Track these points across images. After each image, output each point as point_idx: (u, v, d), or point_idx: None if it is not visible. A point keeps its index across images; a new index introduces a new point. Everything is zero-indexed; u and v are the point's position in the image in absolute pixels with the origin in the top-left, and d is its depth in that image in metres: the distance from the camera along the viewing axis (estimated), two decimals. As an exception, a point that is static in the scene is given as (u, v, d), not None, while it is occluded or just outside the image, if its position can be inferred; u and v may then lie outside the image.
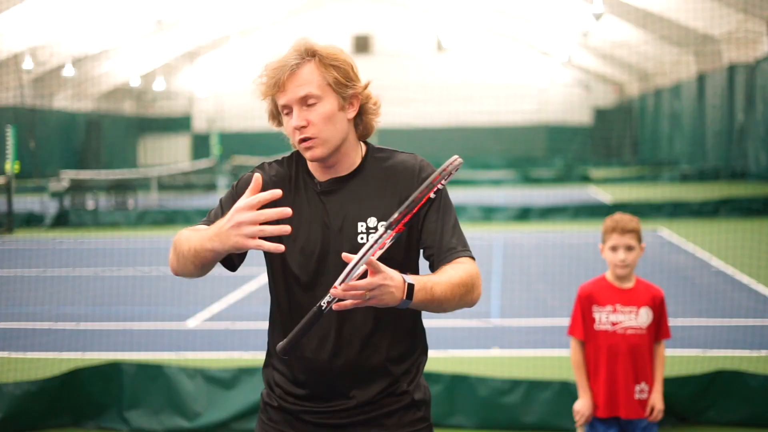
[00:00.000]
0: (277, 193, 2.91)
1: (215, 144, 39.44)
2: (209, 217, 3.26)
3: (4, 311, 12.13)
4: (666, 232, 19.11)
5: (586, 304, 5.22)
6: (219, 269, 3.04)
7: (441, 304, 3.07)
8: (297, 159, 3.33)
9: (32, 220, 22.96)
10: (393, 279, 2.87)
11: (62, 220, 22.92)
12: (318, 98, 3.15)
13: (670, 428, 6.88)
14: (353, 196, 3.22)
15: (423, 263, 3.33)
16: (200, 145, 53.62)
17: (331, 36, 50.57)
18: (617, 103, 53.04)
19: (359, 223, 3.18)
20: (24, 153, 34.32)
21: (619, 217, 5.24)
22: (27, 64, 38.33)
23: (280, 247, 2.87)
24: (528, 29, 46.90)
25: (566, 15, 39.32)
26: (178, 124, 55.80)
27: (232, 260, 3.24)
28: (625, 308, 5.16)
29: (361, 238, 3.15)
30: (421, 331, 3.37)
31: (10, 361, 8.99)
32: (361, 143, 3.35)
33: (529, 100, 51.22)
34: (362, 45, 52.91)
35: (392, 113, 51.05)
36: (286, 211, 2.88)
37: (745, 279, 13.28)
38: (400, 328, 3.26)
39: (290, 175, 3.29)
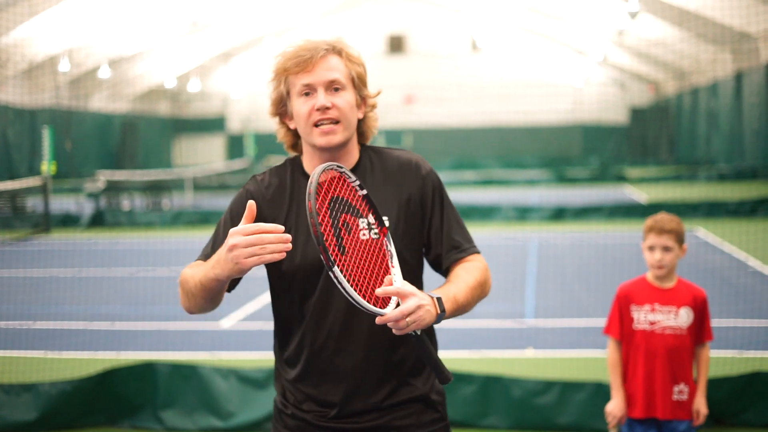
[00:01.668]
0: (279, 226, 2.87)
1: (250, 144, 39.59)
2: (204, 252, 3.27)
3: (40, 311, 12.23)
4: (702, 232, 18.95)
5: (624, 303, 5.16)
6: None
7: (464, 309, 3.15)
8: (291, 164, 3.32)
9: (68, 221, 23.15)
10: (425, 298, 2.91)
11: (98, 221, 23.08)
12: (343, 86, 3.19)
13: (705, 430, 6.80)
14: None
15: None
16: (235, 145, 53.87)
17: (365, 36, 50.63)
18: (653, 102, 52.68)
19: (360, 220, 3.15)
20: (60, 154, 34.72)
21: (660, 217, 5.16)
22: (63, 65, 38.64)
23: (280, 255, 2.86)
24: (563, 28, 46.70)
25: (601, 13, 39.11)
26: (213, 124, 56.09)
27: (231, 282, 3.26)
28: (663, 308, 5.08)
29: (363, 234, 3.11)
30: (432, 330, 3.35)
31: (46, 360, 9.05)
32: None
33: (565, 100, 51.01)
34: (396, 45, 52.90)
35: (426, 113, 51.10)
36: (279, 227, 2.87)
37: (782, 279, 13.15)
38: None
39: (285, 181, 3.28)
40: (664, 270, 5.07)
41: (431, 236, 3.28)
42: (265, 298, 12.48)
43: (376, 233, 3.11)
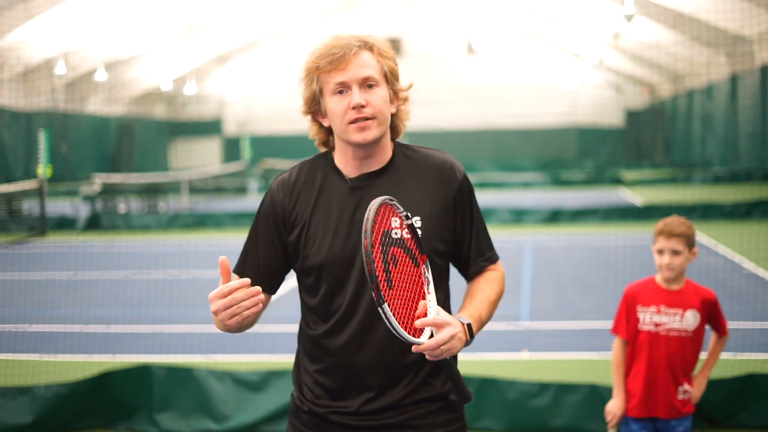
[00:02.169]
0: (245, 281, 2.96)
1: (246, 147, 39.61)
2: (237, 264, 3.36)
3: (35, 314, 12.23)
4: (698, 234, 18.96)
5: (631, 304, 5.17)
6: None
7: (485, 323, 3.25)
8: (324, 159, 3.32)
9: (64, 224, 23.14)
10: (456, 326, 2.98)
11: (94, 224, 23.07)
12: (377, 83, 3.18)
13: (700, 432, 6.83)
14: (385, 191, 3.19)
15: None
16: (231, 148, 53.90)
17: (361, 39, 50.55)
18: (649, 105, 52.76)
19: (393, 219, 3.14)
20: (56, 157, 34.73)
21: (670, 220, 5.16)
22: (59, 68, 38.64)
23: (256, 308, 2.95)
24: (558, 31, 46.75)
25: (597, 16, 39.15)
26: (209, 127, 56.12)
27: (269, 286, 3.34)
28: (669, 310, 5.09)
29: (395, 233, 3.12)
30: None
31: (42, 363, 9.05)
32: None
33: (560, 102, 51.08)
34: (393, 47, 52.65)
35: (423, 116, 51.10)
36: (246, 281, 2.96)
37: (777, 281, 13.18)
38: None
39: (315, 175, 3.29)
40: (673, 273, 5.07)
41: (463, 241, 3.30)
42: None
43: (416, 261, 3.13)
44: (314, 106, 3.25)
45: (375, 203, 2.93)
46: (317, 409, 3.28)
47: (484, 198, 28.37)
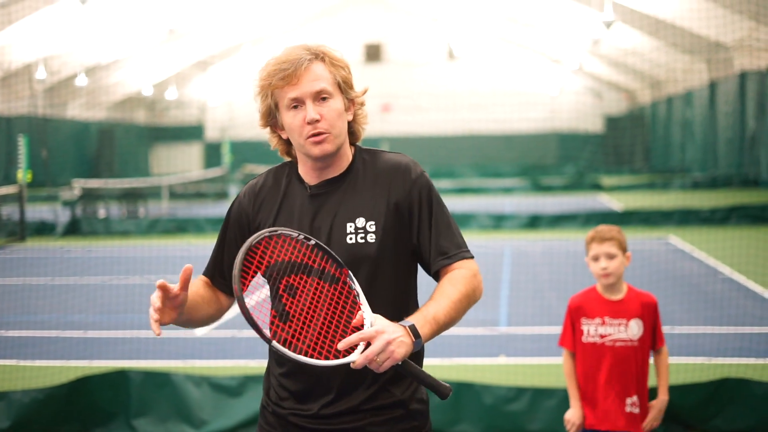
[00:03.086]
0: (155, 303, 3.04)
1: (227, 152, 39.55)
2: (211, 259, 3.48)
3: (13, 319, 12.20)
4: (675, 239, 19.09)
5: (575, 316, 5.21)
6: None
7: (449, 325, 3.17)
8: (289, 166, 3.37)
9: (44, 229, 23.07)
10: (393, 331, 2.95)
11: (74, 229, 23.01)
12: (330, 95, 3.21)
13: (675, 436, 6.88)
14: (343, 197, 3.25)
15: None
16: (212, 153, 53.77)
17: (342, 45, 50.59)
18: (628, 111, 52.98)
19: (348, 224, 3.21)
20: (36, 162, 34.57)
21: (600, 227, 5.28)
22: (40, 73, 38.51)
23: (156, 327, 3.04)
24: (539, 37, 46.91)
25: (577, 23, 39.32)
26: (191, 132, 55.99)
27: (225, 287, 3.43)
28: (614, 320, 5.12)
29: (350, 239, 3.18)
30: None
31: (18, 368, 9.04)
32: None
33: (540, 108, 51.20)
34: (373, 53, 53.00)
35: (403, 121, 51.17)
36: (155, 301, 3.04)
37: (753, 286, 13.26)
38: None
39: (281, 182, 3.35)
40: (611, 278, 5.12)
41: (420, 242, 3.29)
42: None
43: (333, 279, 3.13)
44: (271, 120, 3.30)
45: (246, 244, 3.03)
46: (280, 410, 3.32)
47: (464, 203, 28.43)
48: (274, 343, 2.92)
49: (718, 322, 10.91)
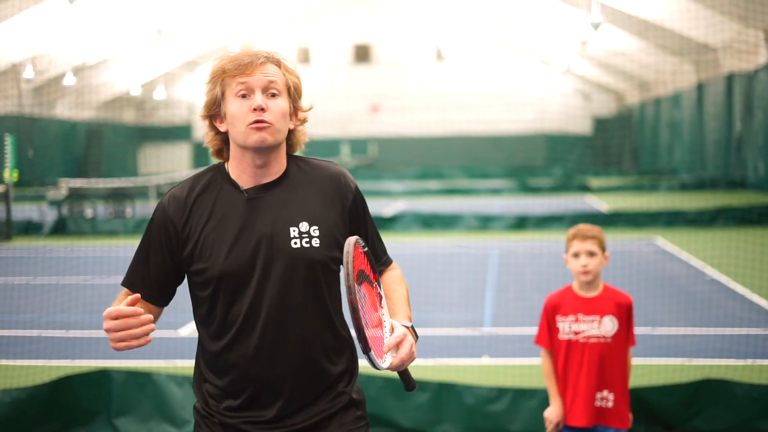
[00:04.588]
0: (138, 311, 3.01)
1: (215, 153, 39.54)
2: (126, 277, 3.42)
3: (-4, 319, 12.19)
4: (661, 241, 19.14)
5: (551, 315, 5.29)
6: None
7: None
8: (217, 171, 3.37)
9: (30, 228, 23.02)
10: (408, 336, 3.16)
11: (60, 229, 22.97)
12: (279, 93, 3.26)
13: (655, 437, 6.90)
14: (282, 201, 3.27)
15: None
16: (200, 154, 53.77)
17: (331, 45, 50.68)
18: (616, 112, 53.10)
19: (291, 228, 3.23)
20: (23, 161, 34.47)
21: (581, 225, 5.36)
22: (27, 72, 38.42)
23: (146, 340, 3.03)
24: (527, 38, 46.99)
25: (565, 24, 39.39)
26: (179, 132, 55.92)
27: (159, 299, 3.38)
28: (587, 317, 5.20)
29: (295, 243, 3.21)
30: (348, 335, 3.40)
31: (0, 368, 9.02)
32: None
33: (529, 109, 51.28)
34: (362, 54, 53.02)
35: (392, 122, 51.19)
36: (139, 311, 3.01)
37: (738, 288, 13.30)
38: (328, 334, 3.31)
39: (208, 188, 3.32)
40: (590, 276, 5.19)
41: None
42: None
43: (372, 284, 3.26)
44: (214, 110, 3.32)
45: (351, 253, 3.03)
46: (228, 420, 3.28)
47: (452, 204, 28.47)
48: (372, 353, 3.00)
49: (699, 323, 10.94)
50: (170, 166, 53.57)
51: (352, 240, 3.08)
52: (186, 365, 9.11)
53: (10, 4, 30.97)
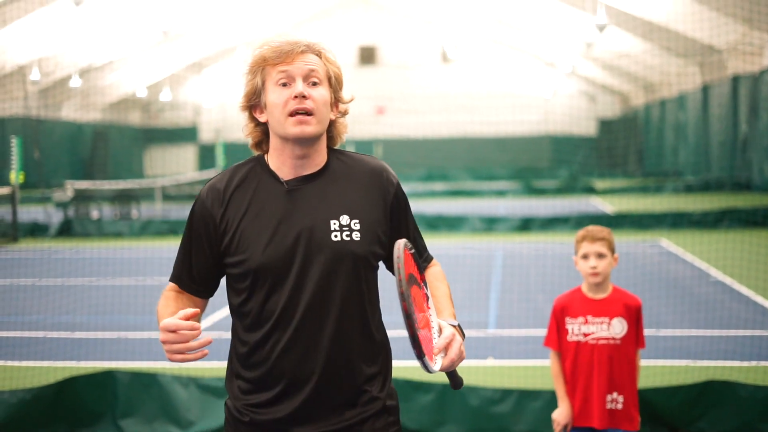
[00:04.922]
0: (196, 325, 3.01)
1: (221, 154, 39.54)
2: (173, 272, 3.38)
3: (1, 320, 12.20)
4: (666, 242, 19.13)
5: (560, 316, 5.28)
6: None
7: None
8: (257, 162, 3.31)
9: (37, 230, 23.06)
10: (456, 335, 3.10)
11: (66, 230, 23.01)
12: (321, 82, 3.22)
13: (660, 438, 6.90)
14: (322, 194, 3.22)
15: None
16: (206, 155, 53.77)
17: (336, 47, 50.54)
18: (621, 114, 53.05)
19: (332, 221, 3.19)
20: (29, 163, 34.54)
21: (590, 227, 5.34)
22: (34, 74, 38.48)
23: (202, 354, 3.03)
24: (532, 40, 46.95)
25: (570, 26, 39.37)
26: (185, 134, 55.98)
27: (204, 292, 3.37)
28: (596, 319, 5.19)
29: (335, 236, 3.17)
30: (384, 336, 3.37)
31: (6, 369, 9.05)
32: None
33: (534, 111, 51.26)
34: (368, 56, 53.03)
35: (397, 124, 51.16)
36: (196, 325, 3.01)
37: (743, 289, 13.29)
38: (363, 333, 3.26)
39: (249, 179, 3.27)
40: (599, 277, 5.18)
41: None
42: (226, 308, 12.47)
43: (419, 285, 3.21)
44: (254, 100, 3.26)
45: (401, 259, 2.97)
46: (257, 417, 3.25)
47: (457, 206, 28.45)
48: (425, 359, 2.95)
49: (704, 324, 10.94)
50: (176, 167, 53.64)
51: (401, 243, 3.01)
52: (190, 366, 9.12)
53: (16, 6, 31.04)
